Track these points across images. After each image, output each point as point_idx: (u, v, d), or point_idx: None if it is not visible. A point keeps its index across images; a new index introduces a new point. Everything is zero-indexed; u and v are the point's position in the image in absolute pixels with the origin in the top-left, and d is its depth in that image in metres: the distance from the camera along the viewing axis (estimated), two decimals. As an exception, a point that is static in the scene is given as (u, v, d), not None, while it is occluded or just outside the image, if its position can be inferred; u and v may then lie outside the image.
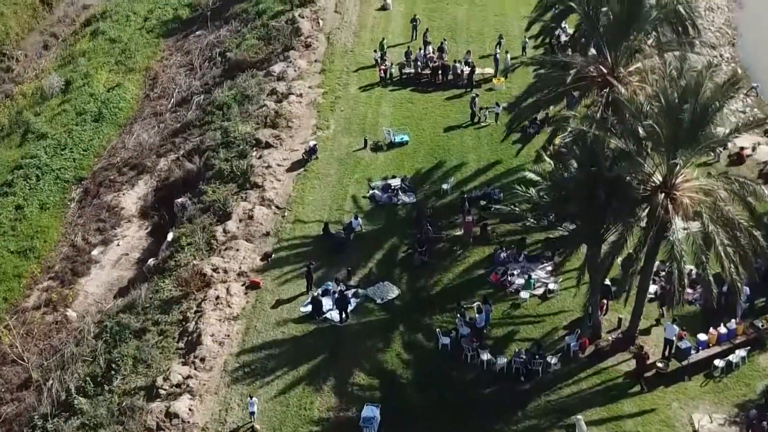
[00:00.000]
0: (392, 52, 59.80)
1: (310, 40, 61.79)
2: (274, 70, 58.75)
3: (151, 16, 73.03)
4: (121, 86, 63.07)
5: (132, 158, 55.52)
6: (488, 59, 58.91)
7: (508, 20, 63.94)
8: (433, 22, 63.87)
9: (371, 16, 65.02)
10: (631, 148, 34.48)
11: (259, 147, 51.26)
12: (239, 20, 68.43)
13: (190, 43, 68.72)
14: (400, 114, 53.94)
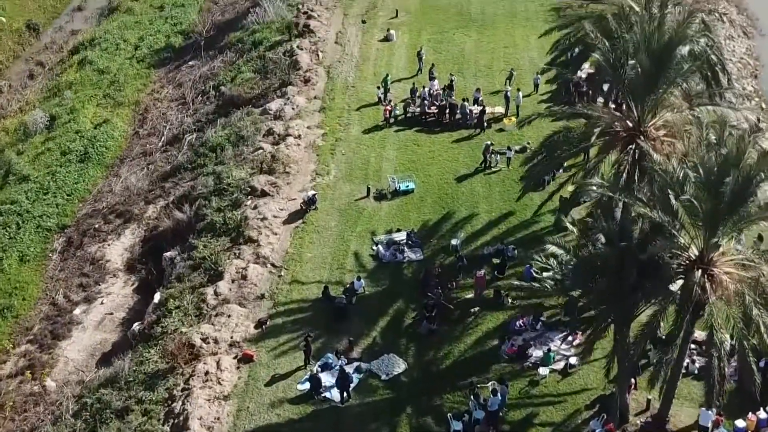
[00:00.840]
0: (396, 87, 56.39)
1: (309, 74, 58.31)
2: (270, 108, 55.25)
3: (141, 44, 69.60)
4: (109, 122, 59.60)
5: (119, 204, 52.02)
6: (498, 96, 55.44)
7: (519, 52, 60.45)
8: (440, 54, 60.40)
9: (374, 47, 61.54)
10: (664, 220, 31.06)
11: (254, 195, 47.75)
12: (234, 50, 64.97)
13: (183, 74, 65.26)
14: (405, 158, 50.46)
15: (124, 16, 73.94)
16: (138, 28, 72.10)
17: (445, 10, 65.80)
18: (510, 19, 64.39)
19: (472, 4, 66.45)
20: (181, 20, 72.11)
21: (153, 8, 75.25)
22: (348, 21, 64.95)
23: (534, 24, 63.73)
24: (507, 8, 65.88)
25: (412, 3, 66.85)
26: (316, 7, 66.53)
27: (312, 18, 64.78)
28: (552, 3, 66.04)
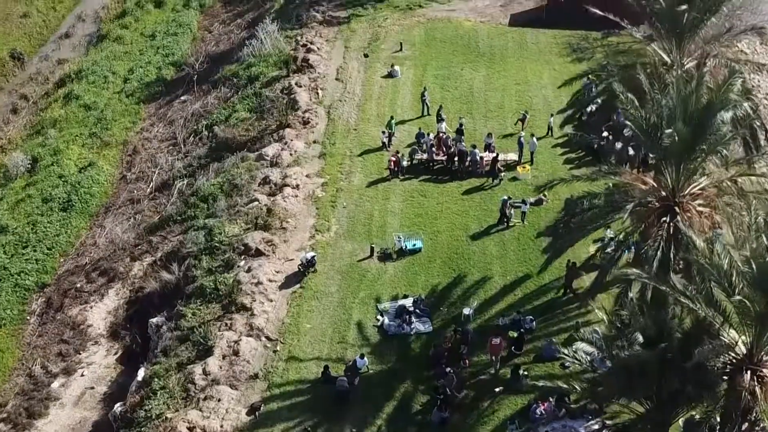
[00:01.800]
0: (401, 130, 52.70)
1: (309, 115, 54.58)
2: (267, 153, 51.54)
3: (131, 76, 65.86)
4: (95, 166, 55.87)
5: (103, 260, 48.33)
6: (510, 140, 51.73)
7: (531, 90, 56.70)
8: (447, 92, 56.67)
9: (377, 84, 57.79)
10: (710, 317, 27.43)
11: (248, 255, 44.05)
12: (229, 85, 61.26)
13: (174, 110, 61.54)
14: (412, 211, 46.72)
15: (114, 45, 70.21)
16: (128, 59, 68.38)
17: (451, 42, 62.08)
18: (520, 53, 60.70)
19: (480, 37, 62.70)
20: (173, 50, 68.39)
21: (144, 37, 71.55)
22: (349, 55, 61.24)
23: (547, 58, 60.08)
24: (517, 41, 62.16)
25: (417, 35, 63.14)
26: (315, 39, 62.82)
27: (311, 51, 61.08)
28: (565, 35, 62.68)
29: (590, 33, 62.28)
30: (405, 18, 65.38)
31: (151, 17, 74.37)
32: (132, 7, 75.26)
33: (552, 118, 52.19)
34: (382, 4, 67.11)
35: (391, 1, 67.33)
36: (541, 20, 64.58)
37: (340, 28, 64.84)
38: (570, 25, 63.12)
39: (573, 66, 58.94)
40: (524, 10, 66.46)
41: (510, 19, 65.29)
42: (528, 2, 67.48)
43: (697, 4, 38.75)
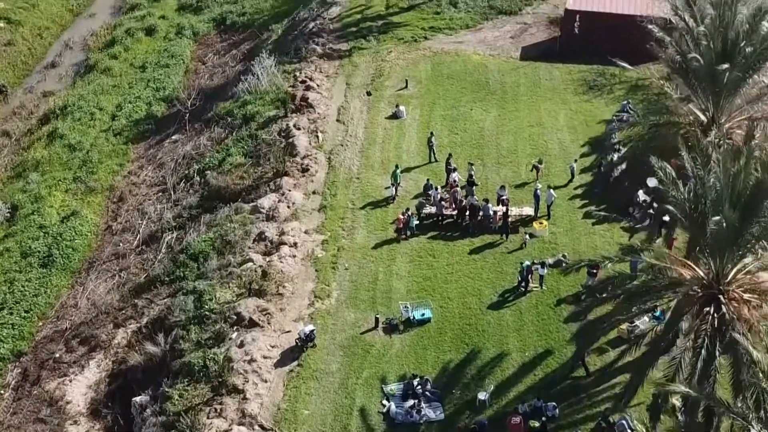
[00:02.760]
0: (407, 178, 48.94)
1: (308, 161, 50.79)
2: (262, 205, 47.76)
3: (119, 113, 62.03)
4: (78, 215, 52.08)
5: (84, 325, 44.57)
6: (524, 190, 47.98)
7: (546, 133, 52.87)
8: (456, 135, 52.87)
9: (381, 126, 53.98)
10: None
11: (241, 326, 40.27)
12: (223, 125, 57.44)
13: (165, 151, 57.77)
14: (419, 273, 42.93)
15: (102, 78, 66.40)
16: (116, 93, 64.57)
17: (459, 79, 58.27)
18: (533, 90, 56.89)
19: (490, 72, 58.90)
20: (165, 83, 64.59)
21: (134, 68, 67.73)
22: (351, 92, 57.45)
23: (562, 96, 56.29)
24: (529, 76, 58.35)
25: (423, 70, 59.33)
26: (315, 75, 59.03)
27: (311, 89, 57.27)
28: (580, 70, 58.95)
29: (607, 68, 58.76)
30: (410, 51, 61.60)
31: (142, 46, 70.60)
32: (122, 35, 71.46)
33: (575, 163, 48.51)
34: (386, 36, 63.33)
35: (395, 33, 63.53)
36: (555, 53, 60.82)
37: (342, 62, 61.08)
38: (585, 59, 59.43)
39: (590, 105, 55.47)
40: (536, 42, 62.63)
41: (521, 52, 61.51)
42: (540, 33, 63.69)
43: (739, 61, 35.00)
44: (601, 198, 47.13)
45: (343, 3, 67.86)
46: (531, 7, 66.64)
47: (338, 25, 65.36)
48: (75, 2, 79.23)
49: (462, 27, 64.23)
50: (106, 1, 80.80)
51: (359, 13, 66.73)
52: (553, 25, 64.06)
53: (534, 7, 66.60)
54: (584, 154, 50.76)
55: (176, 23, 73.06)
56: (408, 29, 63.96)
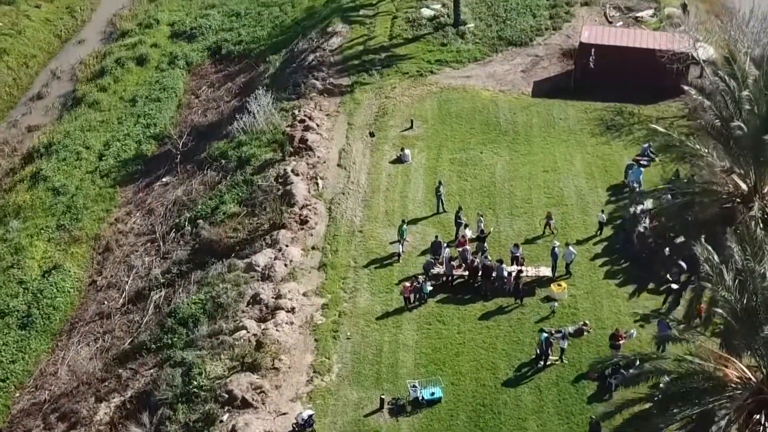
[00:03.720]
0: (413, 231, 45.46)
1: (307, 212, 47.28)
2: (257, 263, 44.24)
3: (107, 152, 58.50)
4: (61, 269, 48.60)
5: (64, 397, 41.07)
6: (539, 245, 44.50)
7: (562, 179, 49.35)
8: (465, 182, 49.36)
9: (385, 171, 50.44)
10: None
11: (233, 406, 36.71)
12: (217, 168, 53.87)
13: (154, 195, 54.23)
14: (428, 343, 39.39)
15: (89, 112, 62.92)
16: (104, 129, 61.05)
17: (468, 118, 54.77)
18: (547, 131, 53.39)
19: (501, 111, 55.39)
20: (156, 119, 61.06)
21: (123, 102, 64.23)
22: (353, 133, 53.95)
23: (578, 138, 52.78)
24: (542, 115, 54.84)
25: (429, 108, 55.83)
26: (315, 114, 55.51)
27: (310, 129, 53.73)
28: (596, 108, 55.50)
29: (624, 106, 55.45)
30: (415, 86, 58.08)
31: (133, 77, 67.10)
32: (111, 65, 67.92)
33: (602, 214, 45.01)
34: (390, 70, 59.77)
35: (399, 66, 59.98)
36: (569, 89, 57.30)
37: (343, 98, 57.54)
38: (601, 95, 56.03)
39: (608, 148, 52.00)
40: (549, 77, 59.10)
41: (533, 87, 58.00)
42: (552, 67, 60.17)
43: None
44: (624, 254, 43.68)
45: (344, 33, 64.38)
46: (542, 37, 63.11)
47: (339, 57, 61.85)
48: (63, 28, 75.77)
49: (470, 60, 60.70)
50: (95, 26, 77.30)
51: (361, 44, 63.21)
52: (566, 57, 60.60)
53: (545, 38, 63.10)
54: (604, 202, 47.33)
55: (169, 52, 69.61)
56: (413, 62, 60.45)
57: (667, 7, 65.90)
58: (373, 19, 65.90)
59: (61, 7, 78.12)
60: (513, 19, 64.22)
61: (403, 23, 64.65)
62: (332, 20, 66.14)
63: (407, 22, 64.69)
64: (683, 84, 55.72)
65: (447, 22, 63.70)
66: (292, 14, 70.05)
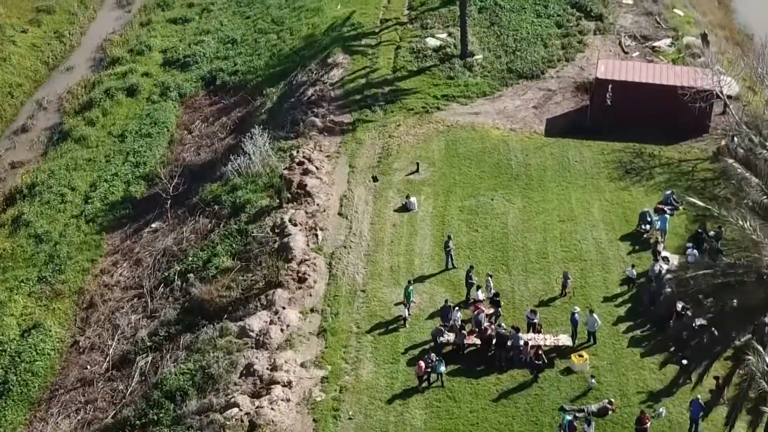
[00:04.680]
0: (421, 290, 42.08)
1: (305, 268, 43.86)
2: (251, 327, 40.82)
3: (93, 194, 55.06)
4: (41, 328, 45.23)
5: (40, 479, 37.67)
6: (556, 308, 41.10)
7: (579, 230, 45.91)
8: (475, 232, 45.94)
9: (389, 221, 47.01)
10: None
11: (224, 502, 33.36)
12: (209, 214, 50.45)
13: (143, 243, 50.81)
14: (438, 425, 35.89)
15: (76, 148, 59.56)
16: (91, 168, 57.65)
17: (477, 160, 51.35)
18: (562, 175, 49.94)
19: (512, 151, 51.96)
20: (146, 158, 57.66)
21: (112, 137, 60.81)
22: (355, 177, 50.52)
23: (595, 183, 49.37)
24: (557, 157, 51.40)
25: (436, 149, 52.40)
26: (314, 155, 52.10)
27: (309, 173, 50.30)
28: (614, 149, 52.11)
29: (644, 146, 52.10)
30: (421, 124, 54.65)
31: (122, 109, 63.69)
32: (100, 96, 64.51)
33: (633, 269, 41.69)
34: (394, 106, 56.36)
35: (403, 102, 56.58)
36: (584, 127, 53.90)
37: (344, 138, 54.14)
38: (619, 135, 52.68)
39: (627, 194, 48.62)
40: (562, 113, 55.69)
41: (546, 125, 54.58)
42: (566, 102, 56.76)
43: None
44: (650, 318, 40.27)
45: (346, 64, 60.95)
46: (555, 69, 59.69)
47: (340, 91, 58.43)
48: (51, 54, 72.42)
49: (478, 94, 57.27)
50: (84, 52, 73.92)
51: (363, 76, 59.79)
52: (581, 91, 57.20)
53: (558, 70, 59.68)
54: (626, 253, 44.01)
55: (161, 81, 66.16)
56: (418, 97, 57.03)
57: (686, 36, 62.56)
58: (376, 49, 62.54)
59: (48, 32, 74.79)
60: (523, 49, 60.83)
61: (407, 54, 61.26)
62: (333, 50, 62.72)
63: (411, 52, 61.30)
64: (707, 123, 53.42)
65: (454, 53, 60.29)
66: (290, 42, 66.59)
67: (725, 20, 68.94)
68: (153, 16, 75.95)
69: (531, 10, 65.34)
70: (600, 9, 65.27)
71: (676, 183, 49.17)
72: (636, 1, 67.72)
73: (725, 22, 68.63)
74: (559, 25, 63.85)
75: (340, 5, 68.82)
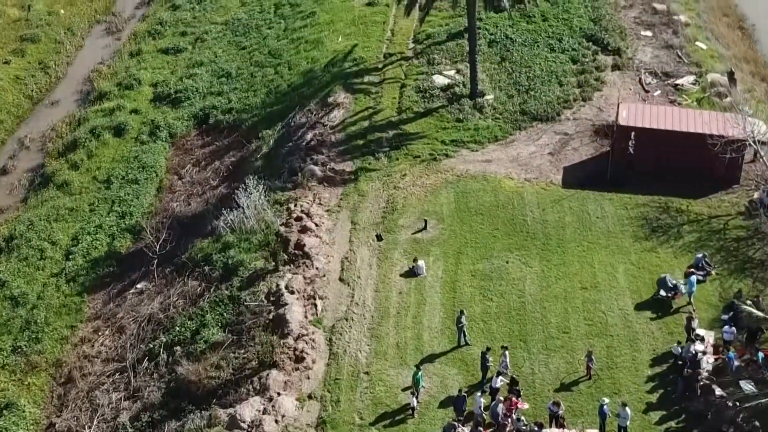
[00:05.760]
0: (430, 372, 38.15)
1: (303, 345, 39.85)
2: (243, 417, 36.79)
3: (75, 249, 51.00)
4: (14, 408, 41.28)
5: None
6: (581, 394, 37.11)
7: (603, 299, 41.93)
8: (489, 302, 41.96)
9: (395, 288, 43.02)
10: None
11: None
12: (199, 276, 46.42)
13: (127, 307, 46.77)
14: None
15: (58, 195, 55.52)
16: (74, 219, 53.58)
17: (490, 215, 47.33)
18: (583, 234, 45.93)
19: (527, 206, 47.93)
20: (132, 207, 53.60)
21: (97, 183, 56.69)
22: (357, 235, 46.53)
23: (619, 242, 45.33)
24: (576, 212, 47.37)
25: (445, 202, 48.38)
26: (313, 209, 48.13)
27: (307, 231, 46.33)
28: (638, 203, 48.12)
29: (670, 200, 48.13)
30: (428, 173, 50.63)
31: (109, 151, 59.60)
32: (85, 136, 60.41)
33: (678, 347, 37.74)
34: (399, 152, 52.36)
35: (409, 148, 52.58)
36: (605, 178, 49.93)
37: (345, 189, 50.12)
38: (643, 187, 48.79)
39: (655, 257, 44.64)
40: (581, 161, 51.66)
41: (563, 174, 50.57)
42: (584, 148, 52.72)
43: None
44: (685, 408, 36.27)
45: (347, 104, 56.93)
46: (571, 110, 55.65)
47: (341, 135, 54.42)
48: (35, 86, 68.30)
49: (490, 139, 53.24)
50: (70, 84, 69.84)
51: (366, 118, 55.79)
52: (600, 136, 53.23)
53: (574, 111, 55.65)
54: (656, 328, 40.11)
55: (150, 120, 62.03)
56: (425, 142, 53.01)
57: (710, 72, 58.54)
58: (379, 87, 58.51)
59: (33, 62, 70.74)
60: (537, 88, 56.81)
61: (413, 93, 57.24)
62: (333, 88, 58.67)
63: (418, 92, 57.29)
64: (737, 173, 49.46)
65: (463, 93, 56.26)
66: (288, 77, 62.52)
67: (749, 53, 64.88)
68: (143, 46, 71.85)
69: (544, 43, 61.35)
70: (617, 42, 61.26)
71: (707, 243, 45.21)
72: (655, 32, 63.76)
73: (750, 55, 64.60)
74: (575, 60, 59.87)
75: (341, 38, 64.78)
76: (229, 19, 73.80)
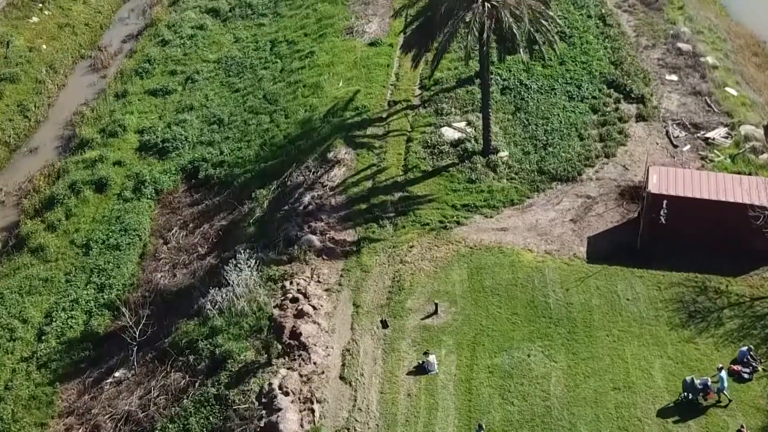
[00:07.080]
0: (444, 496, 33.30)
1: (298, 462, 35.09)
2: None
3: (48, 328, 46.28)
4: None
5: None
6: None
7: (639, 402, 37.03)
8: (510, 406, 37.11)
9: (403, 389, 38.13)
10: None
11: None
12: (183, 367, 41.59)
13: (103, 401, 41.91)
14: None
15: (32, 262, 50.83)
16: (48, 291, 48.81)
17: (508, 296, 42.50)
18: (613, 319, 41.12)
19: (549, 285, 43.08)
20: (112, 278, 48.83)
21: (75, 248, 51.90)
22: (360, 321, 41.71)
23: (653, 331, 40.49)
24: (604, 293, 42.52)
25: (457, 280, 43.55)
26: (311, 288, 43.33)
27: (304, 315, 41.58)
28: (672, 282, 43.39)
29: (708, 278, 43.23)
30: (438, 244, 45.83)
31: (89, 209, 54.81)
32: (64, 192, 55.68)
33: None
34: (405, 219, 47.54)
35: (417, 215, 47.76)
36: (632, 248, 45.15)
37: (347, 263, 45.28)
38: (676, 262, 43.98)
39: (694, 349, 39.81)
40: (606, 230, 46.78)
41: (588, 246, 45.72)
42: (609, 213, 47.89)
43: None
44: None
45: (348, 161, 52.13)
46: (593, 168, 50.81)
47: (342, 198, 49.60)
48: (12, 132, 63.59)
49: (505, 203, 48.40)
50: (51, 129, 65.12)
51: (369, 177, 50.99)
52: (626, 199, 48.45)
53: (596, 169, 50.81)
54: None
55: (135, 173, 57.18)
56: (434, 207, 48.20)
57: (743, 124, 53.75)
58: (384, 141, 53.73)
59: (11, 105, 65.97)
60: (555, 143, 52.02)
61: (420, 149, 52.43)
62: (333, 142, 53.87)
63: (425, 147, 52.49)
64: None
65: (475, 149, 51.49)
66: (285, 127, 57.68)
67: (783, 98, 60.12)
68: (130, 86, 67.05)
69: (562, 90, 56.58)
70: (641, 89, 56.48)
71: (751, 331, 40.40)
72: (681, 76, 58.96)
73: (783, 100, 59.82)
74: (595, 109, 55.10)
75: (341, 82, 60.01)
76: (222, 56, 69.16)
